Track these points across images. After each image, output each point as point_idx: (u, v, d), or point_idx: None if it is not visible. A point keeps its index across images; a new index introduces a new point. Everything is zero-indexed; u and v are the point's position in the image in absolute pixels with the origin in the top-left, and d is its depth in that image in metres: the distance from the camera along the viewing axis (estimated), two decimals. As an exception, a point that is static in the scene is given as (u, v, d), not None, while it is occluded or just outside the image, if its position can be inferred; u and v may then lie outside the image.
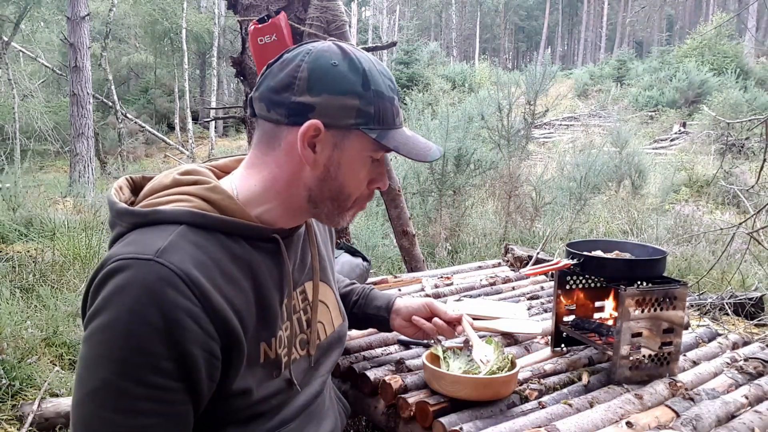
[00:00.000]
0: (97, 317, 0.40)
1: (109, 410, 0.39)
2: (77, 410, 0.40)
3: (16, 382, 1.37)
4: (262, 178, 0.47)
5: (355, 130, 0.45)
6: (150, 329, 0.39)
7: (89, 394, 0.39)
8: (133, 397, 0.39)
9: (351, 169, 0.46)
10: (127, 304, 0.39)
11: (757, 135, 4.89)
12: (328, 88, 0.44)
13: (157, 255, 0.40)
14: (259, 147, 0.47)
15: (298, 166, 0.46)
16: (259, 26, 1.35)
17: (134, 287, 0.39)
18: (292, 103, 0.44)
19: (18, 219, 2.47)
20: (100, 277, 0.41)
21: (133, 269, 0.40)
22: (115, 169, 5.71)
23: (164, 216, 0.44)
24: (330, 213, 0.48)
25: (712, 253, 2.53)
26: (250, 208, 0.46)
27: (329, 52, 0.45)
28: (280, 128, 0.45)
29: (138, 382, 0.39)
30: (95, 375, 0.39)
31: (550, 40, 25.85)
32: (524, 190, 3.29)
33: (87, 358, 0.40)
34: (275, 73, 0.45)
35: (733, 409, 0.62)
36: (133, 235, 0.43)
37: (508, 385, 0.61)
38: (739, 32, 11.71)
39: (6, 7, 5.66)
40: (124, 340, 0.39)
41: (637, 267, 0.68)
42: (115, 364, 0.39)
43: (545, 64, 3.86)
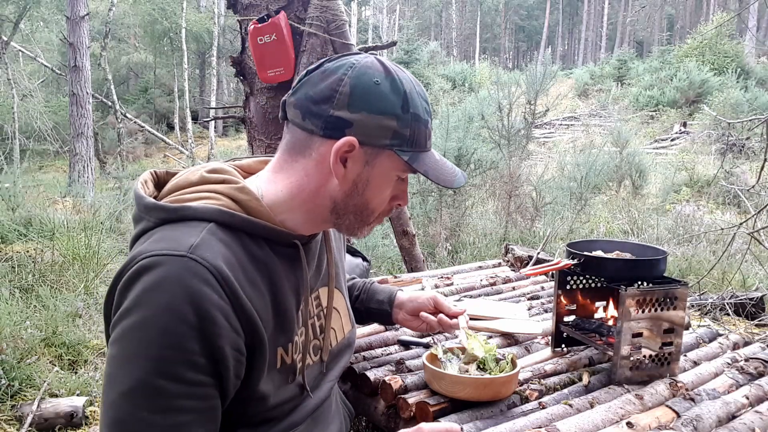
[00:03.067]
0: (129, 316, 0.39)
1: (146, 410, 0.38)
2: (111, 412, 0.39)
3: (16, 383, 1.37)
4: (288, 184, 0.47)
5: (388, 151, 0.45)
6: (185, 326, 0.38)
7: (124, 394, 0.39)
8: (169, 396, 0.39)
9: (378, 186, 0.47)
10: (162, 301, 0.39)
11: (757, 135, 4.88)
12: (368, 106, 0.44)
13: (191, 251, 0.40)
14: (288, 152, 0.47)
15: (326, 178, 0.46)
16: (259, 26, 1.35)
17: (169, 284, 0.39)
18: (330, 116, 0.44)
19: (17, 219, 2.46)
20: (130, 274, 0.40)
21: (166, 266, 0.39)
22: (114, 169, 5.71)
23: (194, 213, 0.43)
24: (351, 225, 0.49)
25: (712, 253, 2.53)
26: (274, 213, 0.46)
27: (373, 69, 0.45)
28: (313, 138, 0.45)
29: (174, 379, 0.39)
30: (130, 375, 0.38)
31: (550, 39, 25.83)
32: (524, 190, 3.29)
33: (120, 357, 0.39)
34: (315, 82, 0.45)
35: (733, 409, 0.62)
36: (162, 231, 0.43)
37: (509, 386, 0.61)
38: (740, 32, 11.70)
39: (5, 7, 5.66)
40: (160, 338, 0.38)
41: (638, 267, 0.68)
42: (151, 362, 0.38)
43: (545, 63, 3.85)
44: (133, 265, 0.40)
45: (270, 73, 1.39)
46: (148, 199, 0.45)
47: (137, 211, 0.46)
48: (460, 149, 3.03)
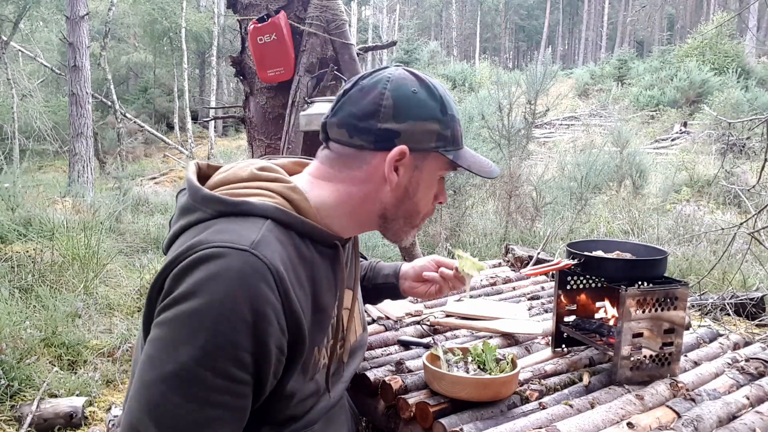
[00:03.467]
0: (185, 301, 0.39)
1: (182, 396, 0.38)
2: (145, 391, 0.39)
3: (15, 383, 1.37)
4: (335, 191, 0.49)
5: (434, 153, 0.49)
6: (240, 320, 0.39)
7: (164, 377, 0.38)
8: (208, 388, 0.39)
9: (426, 188, 0.50)
10: (221, 292, 0.39)
11: (758, 135, 4.88)
12: (412, 114, 0.47)
13: (252, 247, 0.41)
14: (331, 165, 0.49)
15: (377, 187, 0.48)
16: (259, 25, 1.35)
17: (230, 276, 0.39)
18: (378, 129, 0.46)
19: (17, 219, 2.46)
20: (189, 261, 0.40)
21: (228, 258, 0.40)
22: (114, 168, 5.71)
23: (252, 208, 0.44)
24: (399, 230, 0.51)
25: (713, 253, 2.53)
26: (320, 216, 0.48)
27: (407, 79, 0.48)
28: (363, 153, 0.48)
29: (217, 372, 0.39)
30: (174, 358, 0.38)
31: (550, 39, 25.83)
32: (525, 190, 3.28)
33: (167, 340, 0.39)
34: (356, 100, 0.47)
35: (734, 409, 0.62)
36: (221, 223, 0.43)
37: (509, 386, 0.61)
38: (740, 32, 11.69)
39: (5, 7, 5.66)
40: (214, 328, 0.38)
41: (638, 267, 0.68)
42: (199, 350, 0.38)
43: (546, 63, 3.85)
44: (193, 254, 0.40)
45: (270, 73, 1.39)
46: (206, 190, 0.45)
47: (191, 201, 0.46)
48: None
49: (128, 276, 2.23)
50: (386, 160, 0.46)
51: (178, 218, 0.46)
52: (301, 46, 1.39)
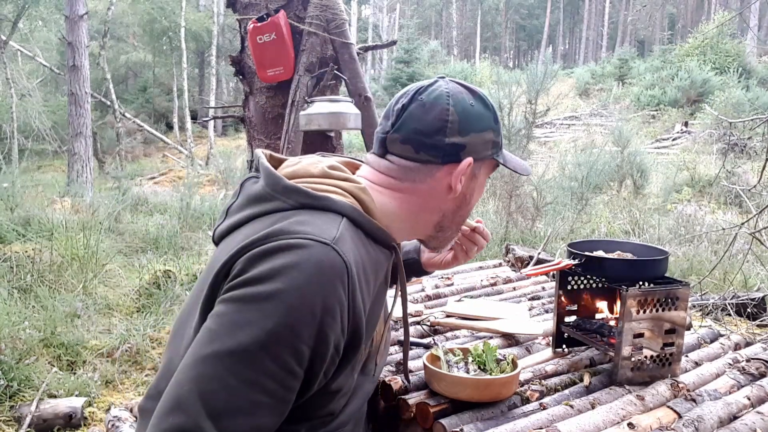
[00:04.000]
0: (260, 283, 0.39)
1: (236, 377, 0.38)
2: (199, 367, 0.38)
3: (14, 383, 1.37)
4: (398, 199, 0.50)
5: (489, 160, 0.52)
6: (309, 312, 0.39)
7: (221, 354, 0.38)
8: (263, 372, 0.39)
9: (479, 192, 0.53)
10: (298, 281, 0.39)
11: (759, 134, 4.87)
12: (474, 127, 0.49)
13: (334, 242, 0.41)
14: (393, 175, 0.50)
15: (440, 198, 0.50)
16: (259, 25, 1.34)
17: (310, 267, 0.39)
18: (446, 144, 0.48)
19: (16, 219, 2.46)
20: (269, 247, 0.40)
21: (311, 249, 0.40)
22: (113, 168, 5.70)
23: (333, 205, 0.45)
24: (449, 237, 0.54)
25: (714, 254, 2.52)
26: (382, 220, 0.49)
27: (464, 93, 0.50)
28: (430, 167, 0.49)
29: (274, 358, 0.39)
30: (235, 337, 0.38)
31: (551, 38, 25.80)
32: (525, 190, 3.28)
33: (232, 317, 0.39)
34: (419, 117, 0.48)
35: (735, 410, 0.62)
36: (303, 215, 0.43)
37: (509, 386, 0.61)
38: (741, 31, 11.68)
39: (4, 6, 5.65)
40: (284, 315, 0.38)
41: (639, 267, 0.68)
42: (264, 334, 0.38)
43: (546, 62, 3.84)
44: (274, 240, 0.41)
45: (269, 73, 1.39)
46: (287, 181, 0.46)
47: (269, 190, 0.46)
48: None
49: (127, 276, 2.23)
50: (454, 173, 0.49)
51: (247, 206, 0.46)
52: (301, 45, 1.38)
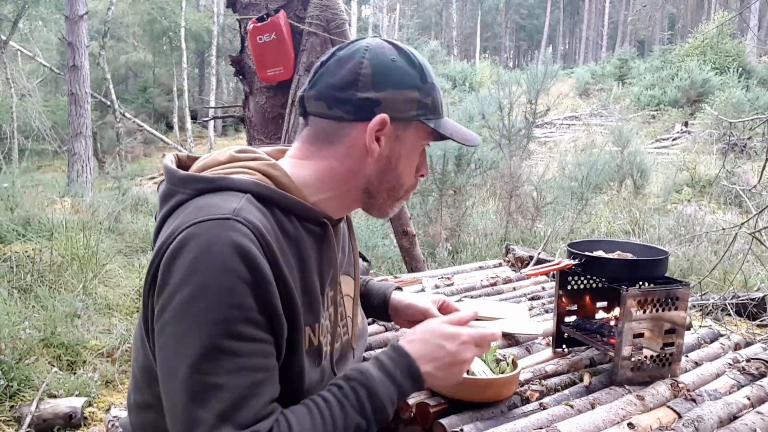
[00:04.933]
0: (183, 287, 0.39)
1: (222, 374, 0.38)
2: (185, 386, 0.38)
3: (14, 383, 1.36)
4: (317, 169, 0.47)
5: (415, 121, 0.47)
6: (243, 283, 0.39)
7: (196, 366, 0.38)
8: (240, 355, 0.39)
9: (408, 158, 0.48)
10: (216, 263, 0.38)
11: (759, 134, 4.87)
12: (392, 83, 0.45)
13: (235, 214, 0.40)
14: (311, 142, 0.48)
15: (359, 159, 0.47)
16: (259, 25, 1.34)
17: (219, 245, 0.39)
18: (358, 99, 0.45)
19: (16, 219, 2.46)
20: (174, 246, 0.40)
21: (213, 229, 0.39)
22: (113, 168, 5.70)
23: (231, 183, 0.43)
24: (383, 204, 0.50)
25: (714, 254, 2.52)
26: (304, 194, 0.47)
27: (385, 48, 0.47)
28: (342, 124, 0.46)
29: (241, 338, 0.39)
30: (199, 344, 0.38)
31: (551, 38, 25.80)
32: (525, 190, 3.28)
33: (183, 331, 0.39)
34: (333, 71, 0.46)
35: (735, 410, 0.61)
36: (199, 200, 0.42)
37: (509, 386, 0.61)
38: (741, 31, 11.67)
39: (4, 6, 5.65)
40: (222, 299, 0.38)
41: (639, 267, 0.68)
42: (218, 326, 0.38)
43: (546, 62, 3.84)
44: (176, 237, 0.40)
45: (269, 73, 1.39)
46: (182, 171, 0.45)
47: (169, 186, 0.45)
48: (460, 149, 3.02)
49: (127, 276, 2.23)
50: (367, 130, 0.45)
51: (160, 208, 0.46)
52: (301, 45, 1.38)
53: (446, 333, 0.47)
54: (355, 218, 2.90)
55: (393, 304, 0.64)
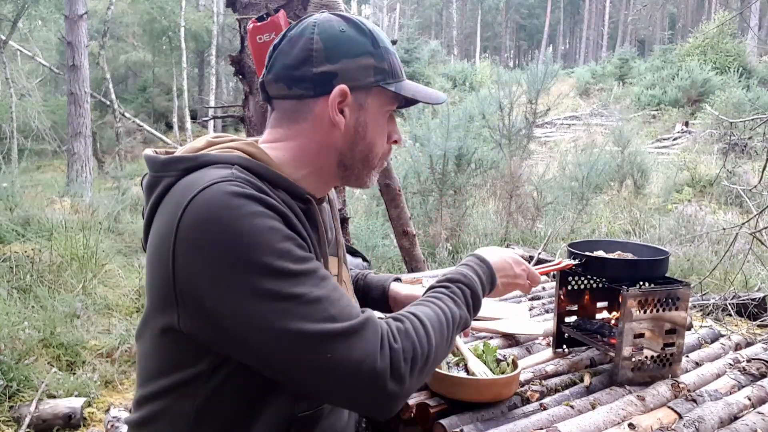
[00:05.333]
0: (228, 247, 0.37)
1: (314, 290, 0.39)
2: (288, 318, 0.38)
3: (14, 383, 1.36)
4: (290, 149, 0.48)
5: (375, 87, 0.47)
6: (274, 220, 0.39)
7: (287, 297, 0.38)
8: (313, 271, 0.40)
9: (376, 126, 0.49)
10: (245, 214, 0.38)
11: (760, 134, 4.86)
12: (344, 53, 0.46)
13: (230, 176, 0.41)
14: (279, 125, 0.48)
15: (327, 134, 0.47)
16: (258, 24, 1.34)
17: (235, 200, 0.38)
18: (314, 74, 0.45)
19: (15, 219, 2.46)
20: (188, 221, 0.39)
21: (219, 190, 0.39)
22: (112, 168, 5.70)
23: (215, 158, 0.43)
24: (359, 174, 0.50)
25: (714, 254, 2.52)
26: (285, 173, 0.47)
27: (333, 21, 0.47)
28: (305, 102, 0.47)
29: (304, 259, 0.40)
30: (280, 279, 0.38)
31: (551, 38, 25.81)
32: (525, 190, 3.28)
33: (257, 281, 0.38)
34: (286, 51, 0.46)
35: (735, 410, 0.61)
36: (187, 179, 0.42)
37: (510, 387, 0.61)
38: (742, 31, 11.66)
39: (4, 6, 5.65)
40: (272, 235, 0.39)
41: (640, 267, 0.68)
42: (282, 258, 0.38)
43: (547, 62, 3.85)
44: (181, 213, 0.39)
45: (269, 72, 1.38)
46: (164, 155, 0.45)
47: (153, 173, 0.45)
48: (460, 149, 3.02)
49: (127, 276, 2.22)
50: (329, 103, 0.45)
51: (147, 200, 0.45)
52: (301, 44, 1.37)
53: (516, 259, 0.57)
54: (355, 218, 2.91)
55: (392, 295, 0.65)
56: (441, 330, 0.45)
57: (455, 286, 0.50)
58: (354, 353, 0.38)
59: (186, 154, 0.44)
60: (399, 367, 0.40)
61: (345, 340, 0.39)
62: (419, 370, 0.41)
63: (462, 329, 0.49)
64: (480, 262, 0.54)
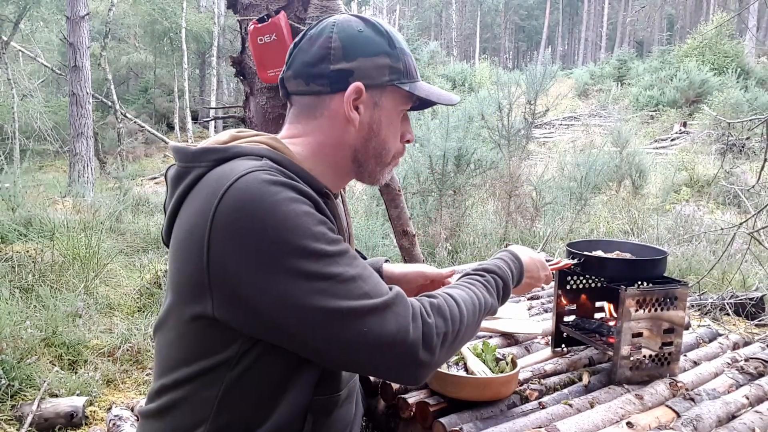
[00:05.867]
0: (267, 231, 0.39)
1: (349, 269, 0.40)
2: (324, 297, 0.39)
3: (16, 383, 1.37)
4: (308, 144, 0.49)
5: (390, 86, 0.49)
6: (308, 206, 0.41)
7: (325, 277, 0.39)
8: (346, 251, 0.41)
9: (390, 124, 0.50)
10: (281, 200, 0.40)
11: (757, 135, 4.88)
12: (361, 52, 0.47)
13: (264, 166, 0.42)
14: (297, 120, 0.50)
15: (342, 130, 0.49)
16: (259, 26, 1.35)
17: (271, 187, 0.40)
18: (331, 72, 0.47)
19: (17, 219, 2.46)
20: (227, 208, 0.40)
21: (255, 179, 0.40)
22: (114, 168, 5.70)
23: (246, 150, 0.45)
24: (373, 171, 0.51)
25: (712, 253, 2.53)
26: (305, 167, 0.48)
27: (352, 21, 0.49)
28: (322, 98, 0.48)
29: (336, 241, 0.41)
30: (317, 261, 0.39)
31: (550, 39, 25.82)
32: (524, 190, 3.29)
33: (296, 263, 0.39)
34: (306, 49, 0.48)
35: (733, 409, 0.62)
36: (218, 170, 0.43)
37: (509, 386, 0.61)
38: (740, 32, 11.69)
39: (5, 7, 5.65)
40: (307, 220, 0.40)
41: (638, 267, 0.68)
42: (318, 241, 0.40)
43: (545, 63, 3.86)
44: (218, 201, 0.40)
45: (270, 73, 1.39)
46: (194, 146, 0.46)
47: (182, 164, 0.46)
48: (460, 149, 3.02)
49: (128, 276, 2.23)
50: (344, 99, 0.47)
51: (173, 190, 0.46)
52: (302, 46, 1.38)
53: (543, 263, 0.61)
54: (355, 218, 2.91)
55: (387, 275, 0.66)
56: (473, 311, 0.48)
57: (490, 276, 0.53)
58: (388, 326, 0.40)
59: (216, 145, 0.45)
60: (431, 340, 0.42)
61: (380, 314, 0.41)
62: (449, 345, 0.44)
63: (490, 314, 0.52)
64: (514, 258, 0.58)
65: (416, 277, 0.66)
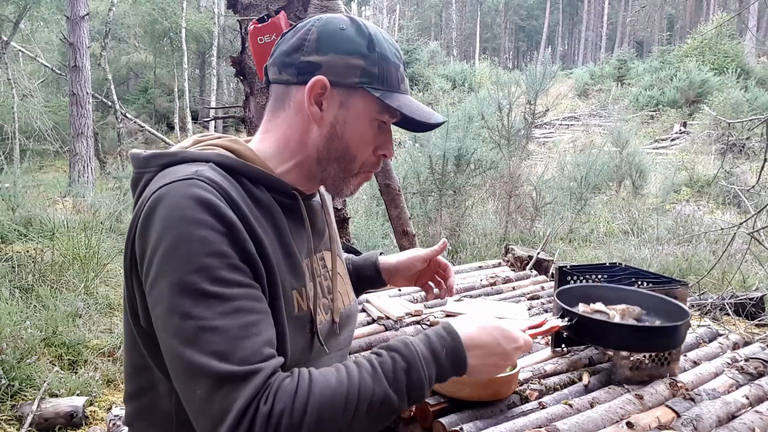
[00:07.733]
0: (161, 246, 0.39)
1: (213, 318, 0.38)
2: (180, 335, 0.38)
3: (16, 383, 1.37)
4: (275, 139, 0.48)
5: (360, 89, 0.46)
6: (215, 233, 0.39)
7: (186, 313, 0.38)
8: (229, 299, 0.39)
9: (356, 128, 0.47)
10: (186, 217, 0.39)
11: (757, 135, 4.88)
12: (335, 48, 0.46)
13: (196, 174, 0.42)
14: (271, 111, 0.50)
15: (306, 125, 0.47)
16: (259, 26, 1.35)
17: (185, 201, 0.40)
18: (301, 62, 0.46)
19: (17, 219, 2.46)
20: (144, 212, 0.41)
21: (177, 189, 0.40)
22: (114, 168, 5.71)
23: (193, 155, 0.45)
24: (336, 177, 0.49)
25: (712, 253, 2.53)
26: (269, 166, 0.48)
27: (338, 18, 0.48)
28: (290, 88, 0.48)
29: (226, 283, 0.39)
30: (187, 293, 0.38)
31: (550, 39, 25.85)
32: (524, 190, 3.29)
33: (167, 285, 0.39)
34: (288, 38, 0.48)
35: (733, 409, 0.62)
36: (160, 174, 0.44)
37: (509, 386, 0.61)
38: (740, 32, 11.68)
39: (5, 7, 5.64)
40: (199, 248, 0.39)
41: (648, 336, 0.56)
42: (201, 272, 0.38)
43: (545, 63, 3.86)
44: (144, 205, 0.41)
45: (270, 73, 1.39)
46: (146, 152, 0.46)
47: (136, 169, 0.46)
48: (460, 149, 3.03)
49: (128, 276, 2.22)
50: (305, 91, 0.45)
51: (133, 196, 0.47)
52: (302, 46, 1.38)
53: (509, 334, 0.47)
54: (355, 218, 2.91)
55: (385, 268, 0.65)
56: (332, 407, 0.38)
57: (388, 356, 0.42)
58: (213, 405, 0.37)
59: (167, 150, 0.46)
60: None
61: (215, 384, 0.37)
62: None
63: (389, 412, 0.41)
64: (446, 334, 0.45)
65: (411, 263, 0.64)
